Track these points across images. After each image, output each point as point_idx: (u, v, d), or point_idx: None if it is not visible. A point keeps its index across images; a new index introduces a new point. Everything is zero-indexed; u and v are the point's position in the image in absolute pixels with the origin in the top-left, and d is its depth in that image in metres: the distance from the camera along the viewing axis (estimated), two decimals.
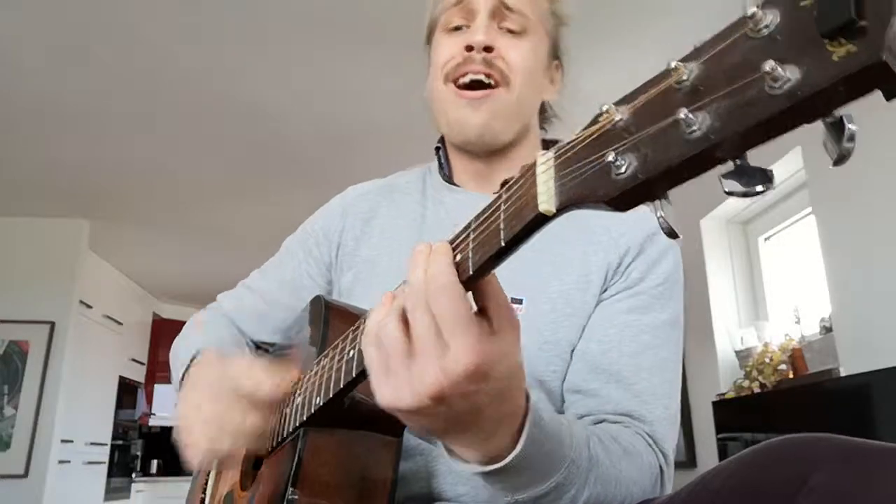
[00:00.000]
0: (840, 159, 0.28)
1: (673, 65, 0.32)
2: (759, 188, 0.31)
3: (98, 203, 4.18)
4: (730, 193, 0.31)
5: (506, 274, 0.78)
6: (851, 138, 0.27)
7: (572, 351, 0.78)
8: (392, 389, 0.47)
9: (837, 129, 0.28)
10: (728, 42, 0.30)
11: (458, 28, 0.87)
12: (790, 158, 2.48)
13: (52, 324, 4.25)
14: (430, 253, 0.47)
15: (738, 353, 2.87)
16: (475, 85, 0.83)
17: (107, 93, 2.94)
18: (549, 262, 0.80)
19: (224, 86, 2.90)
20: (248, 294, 0.99)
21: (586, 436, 0.61)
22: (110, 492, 5.15)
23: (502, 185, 0.87)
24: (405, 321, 0.47)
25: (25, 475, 3.98)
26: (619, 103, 0.35)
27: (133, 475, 5.89)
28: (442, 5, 0.89)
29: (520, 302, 0.78)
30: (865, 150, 2.29)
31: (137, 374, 5.88)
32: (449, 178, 0.93)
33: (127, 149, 3.48)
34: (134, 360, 5.75)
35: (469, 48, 0.82)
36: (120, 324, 5.25)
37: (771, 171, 0.31)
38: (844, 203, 2.16)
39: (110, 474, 5.18)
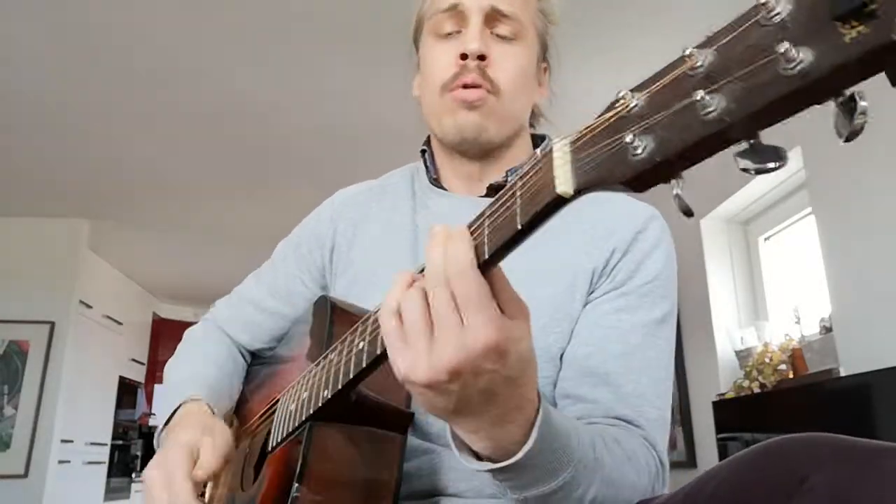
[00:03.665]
0: (852, 135, 0.29)
1: (688, 52, 0.33)
2: (772, 165, 0.32)
3: (98, 203, 4.18)
4: (744, 170, 0.32)
5: None
6: (863, 114, 0.29)
7: (562, 356, 0.77)
8: (409, 362, 0.48)
9: (848, 106, 0.29)
10: (741, 29, 0.31)
11: (449, 34, 0.85)
12: (790, 158, 2.47)
13: (52, 324, 4.24)
14: (447, 236, 0.48)
15: (738, 353, 2.87)
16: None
17: (107, 93, 2.94)
18: (537, 268, 0.79)
19: (224, 86, 2.90)
20: (243, 303, 1.00)
21: (591, 437, 0.61)
22: (110, 492, 5.15)
23: (488, 188, 0.87)
24: (425, 298, 0.48)
25: (25, 475, 3.97)
26: (634, 90, 0.36)
27: (133, 475, 5.89)
28: (432, 9, 0.87)
29: None
30: (865, 151, 2.29)
31: (137, 374, 5.88)
32: (436, 181, 0.92)
33: (127, 149, 3.48)
34: (134, 360, 5.76)
35: (464, 56, 0.81)
36: (120, 324, 5.25)
37: (783, 148, 0.32)
38: (844, 203, 2.16)
39: (110, 474, 5.18)
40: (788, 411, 2.29)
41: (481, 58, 0.81)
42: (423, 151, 0.95)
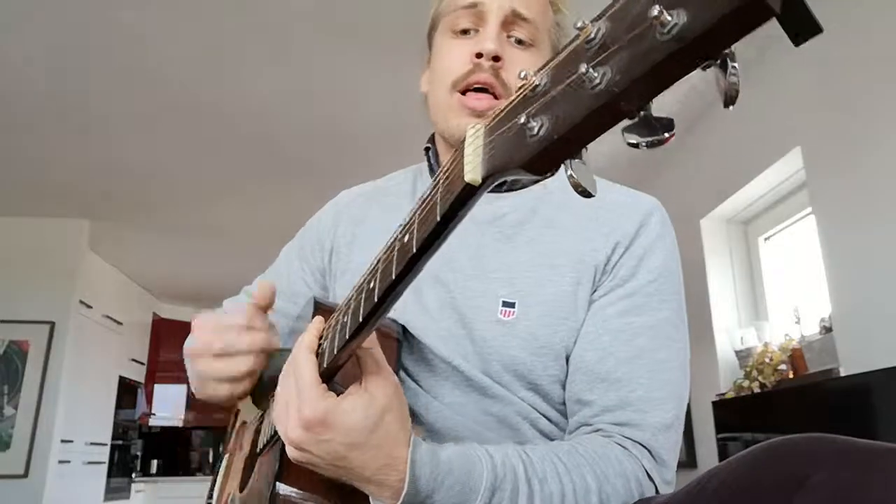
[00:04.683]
0: (729, 100, 0.28)
1: (580, 24, 0.32)
2: (665, 135, 0.31)
3: (98, 203, 4.18)
4: (634, 145, 0.31)
5: (501, 277, 0.79)
6: (735, 74, 0.28)
7: (569, 355, 0.77)
8: (281, 427, 0.62)
9: (724, 68, 0.28)
10: None
11: (465, 31, 0.85)
12: (790, 158, 2.47)
13: (52, 324, 4.25)
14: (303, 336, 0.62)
15: (738, 353, 2.87)
16: (479, 88, 0.82)
17: (107, 93, 2.94)
18: (542, 263, 0.79)
19: (223, 86, 2.90)
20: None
21: (515, 458, 0.63)
22: (110, 492, 5.15)
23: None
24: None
25: (25, 475, 3.98)
26: (539, 69, 0.35)
27: (133, 475, 5.89)
28: (451, 6, 0.86)
29: (512, 306, 0.77)
30: (865, 151, 2.28)
31: (137, 374, 5.88)
32: None
33: (127, 149, 3.48)
34: (134, 360, 5.76)
35: (479, 55, 0.80)
36: (120, 324, 5.25)
37: (671, 119, 0.31)
38: (844, 203, 2.16)
39: (110, 474, 5.18)
40: (788, 411, 2.29)
41: (496, 59, 0.80)
42: (427, 149, 0.94)
